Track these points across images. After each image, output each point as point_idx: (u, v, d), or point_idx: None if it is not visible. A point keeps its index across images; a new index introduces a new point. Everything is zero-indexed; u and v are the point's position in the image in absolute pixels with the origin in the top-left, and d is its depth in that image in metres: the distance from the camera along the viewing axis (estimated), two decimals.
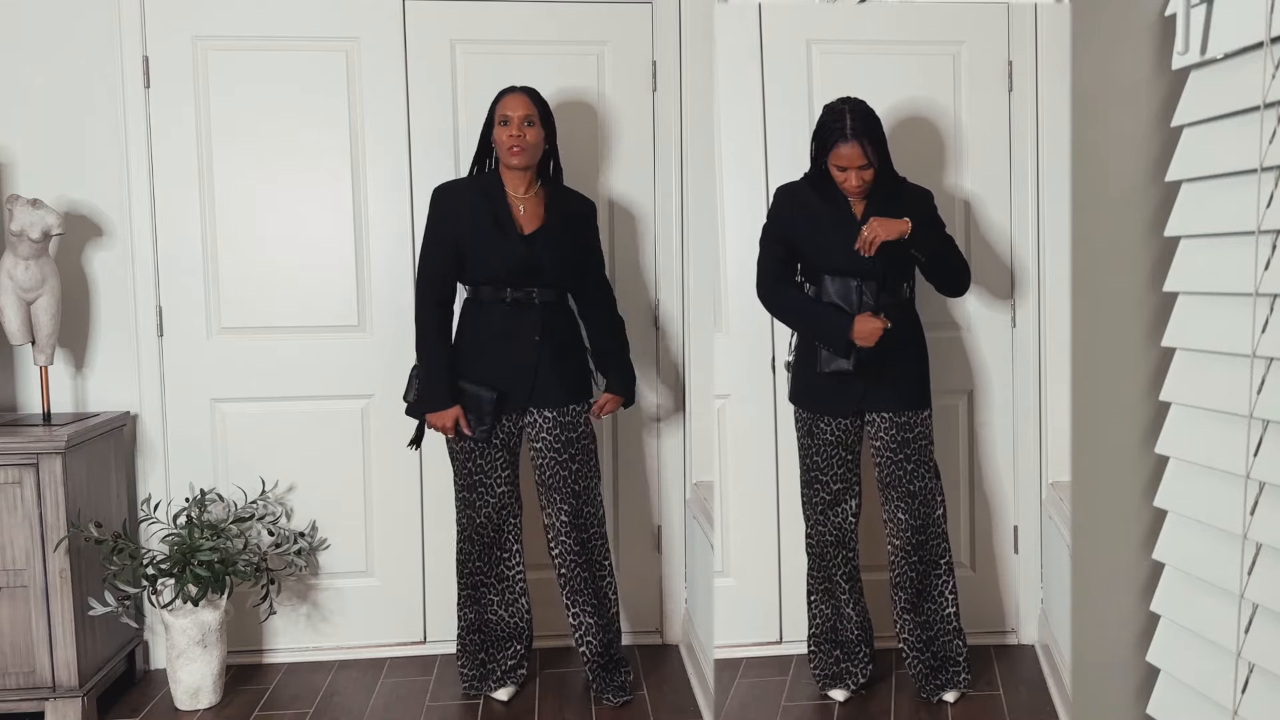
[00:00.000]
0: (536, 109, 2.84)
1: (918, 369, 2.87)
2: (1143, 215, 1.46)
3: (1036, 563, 3.22)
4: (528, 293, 2.86)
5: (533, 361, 2.87)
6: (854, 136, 2.67)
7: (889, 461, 2.85)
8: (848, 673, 2.96)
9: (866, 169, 2.70)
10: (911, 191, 2.83)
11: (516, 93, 2.85)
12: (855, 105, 2.70)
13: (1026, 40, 3.13)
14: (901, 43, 3.14)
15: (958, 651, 2.91)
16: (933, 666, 2.91)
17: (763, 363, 3.15)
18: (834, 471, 2.89)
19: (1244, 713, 1.26)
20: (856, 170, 2.69)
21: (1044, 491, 3.17)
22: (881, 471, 2.87)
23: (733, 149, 3.11)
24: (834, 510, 2.92)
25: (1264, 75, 1.21)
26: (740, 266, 3.04)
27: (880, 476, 2.88)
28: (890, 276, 2.78)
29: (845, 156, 2.68)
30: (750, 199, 3.09)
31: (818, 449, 2.88)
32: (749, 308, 2.98)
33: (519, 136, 2.80)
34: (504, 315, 2.87)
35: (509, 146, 2.81)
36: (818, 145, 2.75)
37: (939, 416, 3.05)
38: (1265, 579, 1.24)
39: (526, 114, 2.82)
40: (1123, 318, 1.49)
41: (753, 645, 3.21)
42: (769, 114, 3.11)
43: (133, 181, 3.18)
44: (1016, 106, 3.15)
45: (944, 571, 2.89)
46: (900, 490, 2.85)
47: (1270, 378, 1.24)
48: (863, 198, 2.76)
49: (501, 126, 2.83)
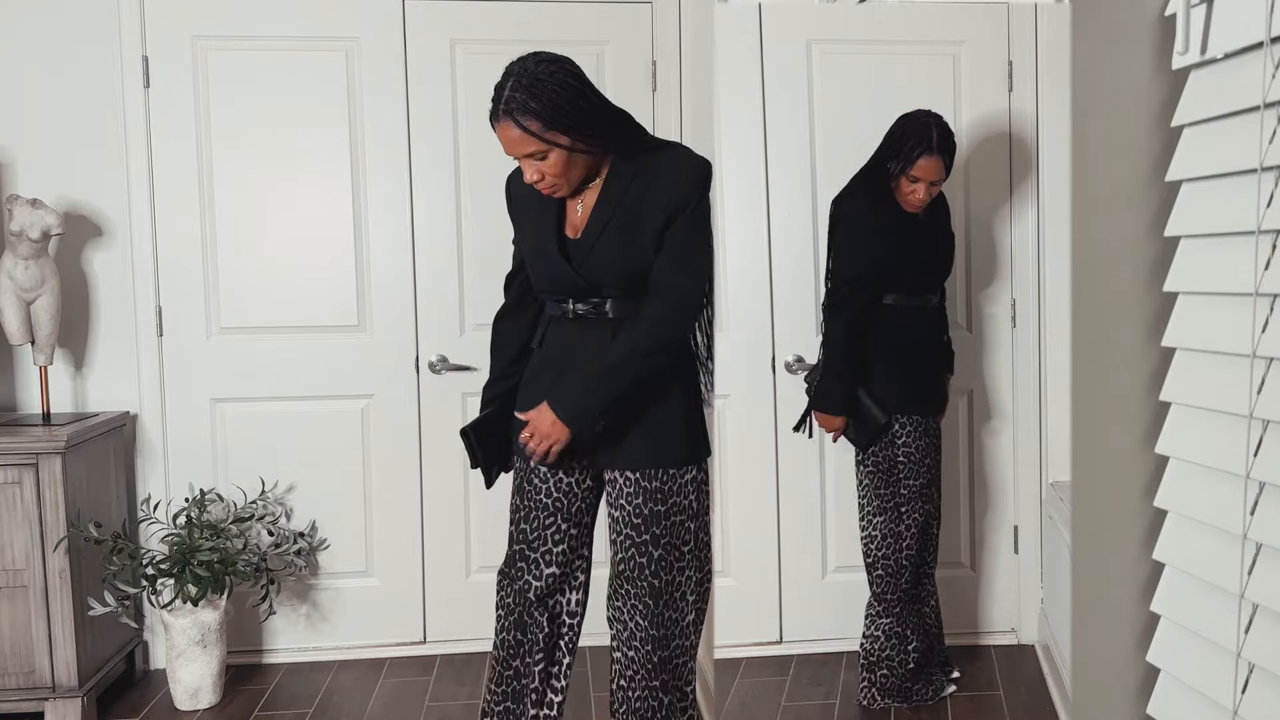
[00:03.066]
0: (540, 133, 2.01)
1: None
2: (1143, 215, 1.45)
3: (1036, 563, 3.22)
4: (594, 304, 2.16)
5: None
6: (939, 151, 2.68)
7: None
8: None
9: (937, 185, 2.71)
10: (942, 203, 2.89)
11: (500, 123, 2.02)
12: (939, 119, 2.72)
13: (1026, 40, 3.13)
14: (901, 43, 3.14)
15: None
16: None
17: (763, 363, 3.15)
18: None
19: (1244, 713, 1.26)
20: (928, 185, 2.71)
21: (1044, 491, 3.17)
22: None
23: (733, 149, 3.10)
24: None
25: (1264, 75, 1.21)
26: (740, 266, 3.03)
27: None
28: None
29: (926, 169, 2.69)
30: (750, 199, 3.09)
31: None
32: (749, 308, 2.97)
33: (538, 179, 2.08)
34: (568, 334, 2.20)
35: (539, 187, 2.11)
36: (894, 153, 2.73)
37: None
38: (1265, 579, 1.24)
39: (526, 153, 2.04)
40: (1123, 318, 1.49)
41: (753, 645, 3.21)
42: (769, 114, 3.11)
43: (133, 181, 3.18)
44: (1016, 106, 3.15)
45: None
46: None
47: (1270, 378, 1.24)
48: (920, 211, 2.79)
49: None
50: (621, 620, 2.20)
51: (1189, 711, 1.37)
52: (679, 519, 2.17)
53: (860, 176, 2.81)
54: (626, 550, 2.17)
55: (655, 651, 2.18)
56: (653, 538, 2.15)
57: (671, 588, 2.17)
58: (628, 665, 2.19)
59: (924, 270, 2.82)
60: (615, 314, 2.15)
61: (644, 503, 2.14)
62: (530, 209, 2.22)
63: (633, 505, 2.15)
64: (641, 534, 2.15)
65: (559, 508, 2.25)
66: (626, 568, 2.17)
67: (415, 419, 3.32)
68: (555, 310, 2.21)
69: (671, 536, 2.16)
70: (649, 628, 2.17)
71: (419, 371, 3.33)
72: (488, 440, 2.29)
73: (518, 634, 2.29)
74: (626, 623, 2.19)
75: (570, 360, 2.16)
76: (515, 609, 2.29)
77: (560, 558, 2.26)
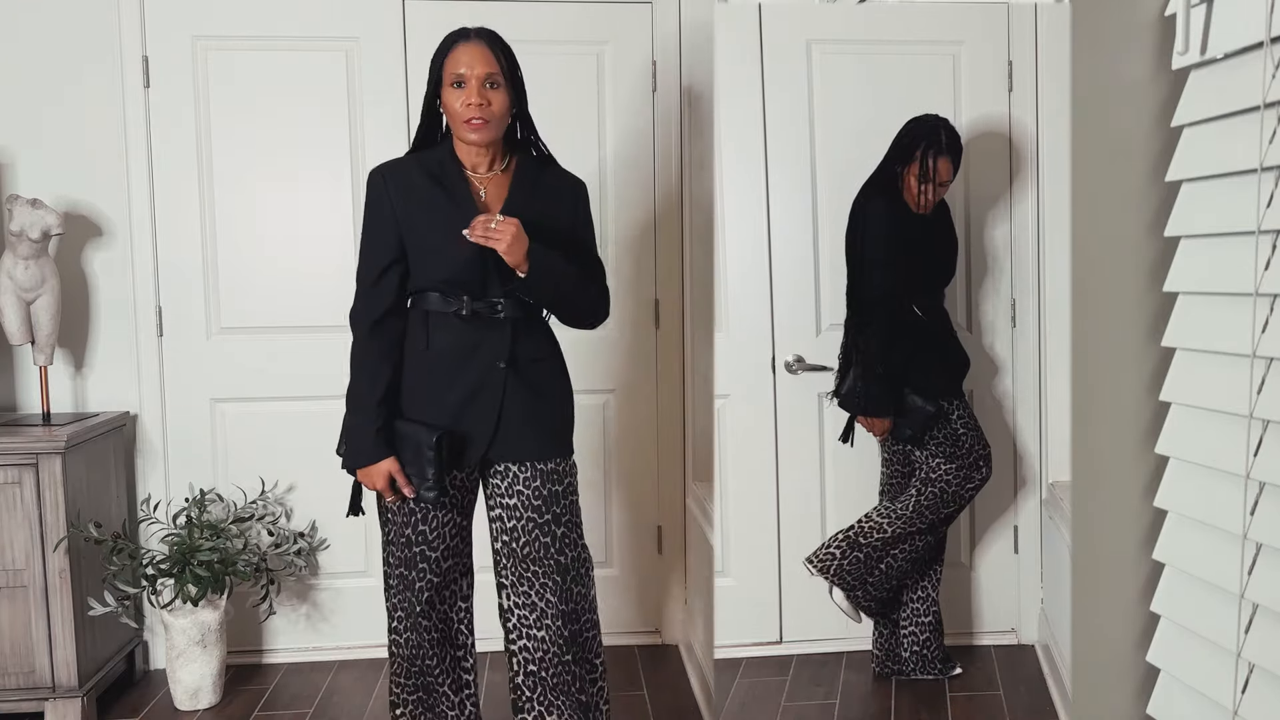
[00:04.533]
0: (501, 64, 2.13)
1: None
2: (1143, 215, 1.45)
3: (1036, 563, 3.22)
4: (490, 303, 2.19)
5: (497, 398, 2.20)
6: (949, 151, 2.75)
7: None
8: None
9: (945, 186, 2.76)
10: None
11: (471, 41, 2.14)
12: (947, 122, 2.79)
13: (1026, 40, 3.13)
14: (901, 43, 3.13)
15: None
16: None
17: (763, 363, 3.14)
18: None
19: (1244, 713, 1.26)
20: (938, 186, 2.76)
21: (1044, 491, 3.17)
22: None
23: (733, 149, 3.10)
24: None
25: (1264, 75, 1.21)
26: (740, 266, 3.03)
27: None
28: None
29: (937, 170, 2.75)
30: (750, 199, 3.09)
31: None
32: (749, 308, 2.97)
33: (480, 104, 2.12)
34: (460, 333, 2.20)
35: (467, 118, 2.13)
36: (905, 156, 2.77)
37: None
38: (1265, 579, 1.24)
39: (488, 73, 2.12)
40: (1123, 318, 1.49)
41: (753, 645, 3.21)
42: (769, 114, 3.11)
43: (133, 181, 3.18)
44: (1016, 106, 3.15)
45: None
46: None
47: (1270, 378, 1.24)
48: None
49: (455, 90, 2.14)
50: (530, 603, 2.21)
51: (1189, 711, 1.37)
52: (572, 499, 2.26)
53: (873, 182, 2.83)
54: (530, 534, 2.21)
55: (566, 626, 2.21)
56: (554, 516, 2.21)
57: (576, 564, 2.24)
58: (538, 646, 2.21)
59: (936, 270, 2.87)
60: (508, 314, 2.20)
61: (542, 485, 2.21)
62: (423, 194, 2.19)
63: (531, 489, 2.21)
64: (543, 514, 2.21)
65: (454, 503, 2.30)
66: (532, 550, 2.21)
67: None
68: (443, 307, 2.19)
69: (571, 515, 2.25)
70: (559, 603, 2.20)
71: None
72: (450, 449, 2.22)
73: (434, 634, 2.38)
74: (536, 603, 2.21)
75: (470, 362, 2.19)
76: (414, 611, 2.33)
77: (455, 550, 2.35)
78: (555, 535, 2.22)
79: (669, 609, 3.45)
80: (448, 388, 2.20)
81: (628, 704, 3.00)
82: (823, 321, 3.11)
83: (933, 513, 2.91)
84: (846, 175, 2.92)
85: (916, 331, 2.86)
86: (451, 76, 2.14)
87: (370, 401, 2.19)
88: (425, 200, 2.19)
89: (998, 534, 3.25)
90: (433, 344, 2.21)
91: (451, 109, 2.16)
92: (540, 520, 2.21)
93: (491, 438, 2.21)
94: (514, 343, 2.21)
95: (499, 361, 2.20)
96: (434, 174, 2.20)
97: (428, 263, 2.19)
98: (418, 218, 2.20)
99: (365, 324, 2.22)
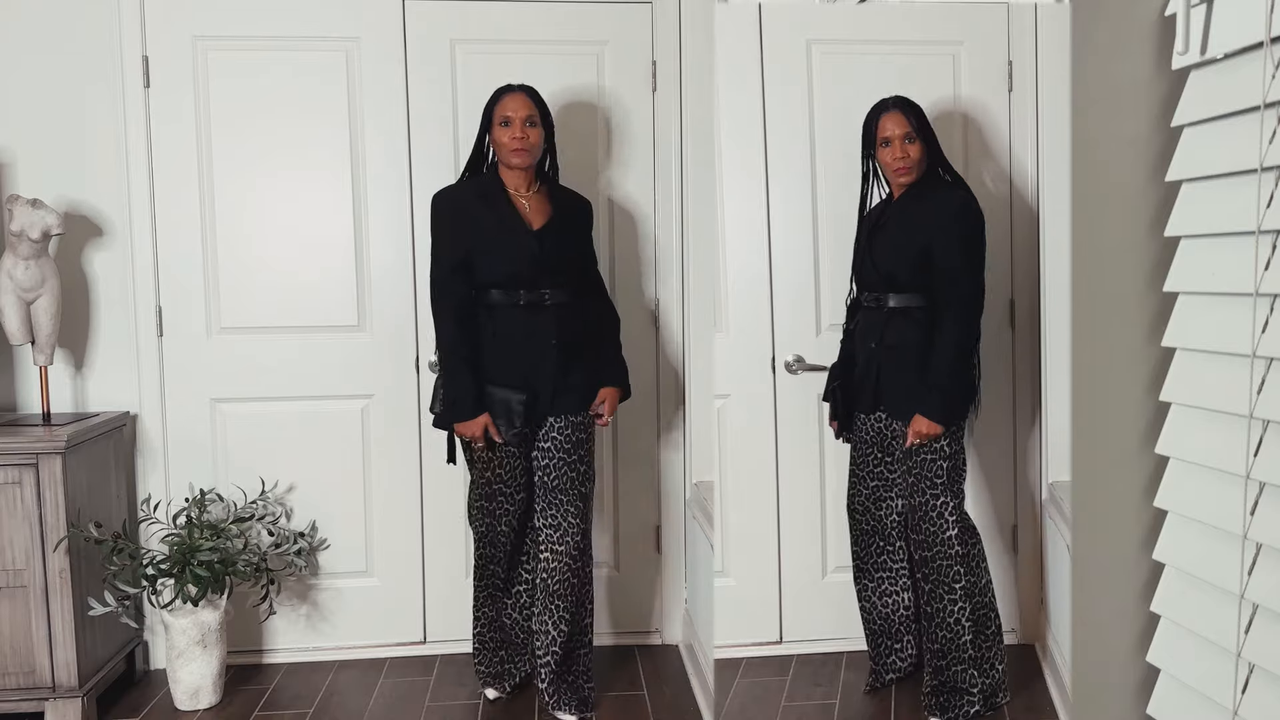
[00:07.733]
0: (537, 109, 2.82)
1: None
2: (1143, 215, 1.46)
3: (1036, 563, 3.22)
4: (540, 294, 2.80)
5: (551, 367, 2.82)
6: (895, 106, 2.73)
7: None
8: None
9: (912, 142, 2.71)
10: (948, 198, 2.79)
11: (515, 92, 2.82)
12: (896, 96, 2.78)
13: (1026, 40, 3.13)
14: (901, 43, 3.14)
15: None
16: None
17: (763, 363, 3.15)
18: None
19: (1244, 713, 1.26)
20: (901, 142, 2.71)
21: (1044, 491, 3.17)
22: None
23: (733, 149, 3.11)
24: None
25: (1264, 75, 1.21)
26: (740, 267, 3.04)
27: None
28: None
29: (886, 125, 2.72)
30: (750, 199, 3.09)
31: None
32: (749, 308, 2.97)
33: (522, 138, 2.78)
34: (519, 319, 2.80)
35: (512, 149, 2.78)
36: (865, 138, 2.79)
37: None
38: (1265, 579, 1.24)
39: (529, 114, 2.80)
40: (1123, 318, 1.49)
41: (753, 645, 3.21)
42: (769, 114, 3.11)
43: (133, 181, 3.18)
44: (1016, 106, 3.15)
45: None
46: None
47: (1270, 378, 1.24)
48: (904, 185, 2.77)
49: (502, 128, 2.79)
50: (555, 524, 2.86)
51: (1189, 711, 1.37)
52: (591, 445, 2.94)
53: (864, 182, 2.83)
54: (561, 471, 2.86)
55: (582, 540, 2.90)
56: (579, 458, 2.88)
57: (590, 496, 2.93)
58: (557, 557, 2.86)
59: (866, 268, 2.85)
60: (553, 301, 2.82)
61: (573, 433, 2.87)
62: (480, 210, 2.81)
63: (564, 436, 2.86)
64: (571, 456, 2.87)
65: (522, 451, 2.90)
66: (561, 482, 2.86)
67: (415, 419, 3.32)
68: (504, 300, 2.80)
69: (590, 456, 2.93)
70: (579, 522, 2.88)
71: (419, 371, 3.33)
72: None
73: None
74: (560, 523, 2.86)
75: (530, 341, 2.81)
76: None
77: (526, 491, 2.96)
78: (580, 472, 2.88)
79: (669, 609, 3.45)
80: (516, 361, 2.81)
81: (628, 704, 3.00)
82: (823, 321, 3.12)
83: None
84: (847, 176, 2.92)
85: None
86: (500, 118, 2.81)
87: (468, 372, 2.79)
88: (481, 215, 2.81)
89: (997, 534, 3.25)
90: (499, 330, 2.81)
91: (499, 141, 2.80)
92: (569, 459, 2.86)
93: (552, 398, 2.83)
94: (559, 324, 2.83)
95: (550, 340, 2.81)
96: (485, 195, 2.83)
97: (488, 263, 2.79)
98: (477, 229, 2.79)
99: (450, 313, 2.80)
